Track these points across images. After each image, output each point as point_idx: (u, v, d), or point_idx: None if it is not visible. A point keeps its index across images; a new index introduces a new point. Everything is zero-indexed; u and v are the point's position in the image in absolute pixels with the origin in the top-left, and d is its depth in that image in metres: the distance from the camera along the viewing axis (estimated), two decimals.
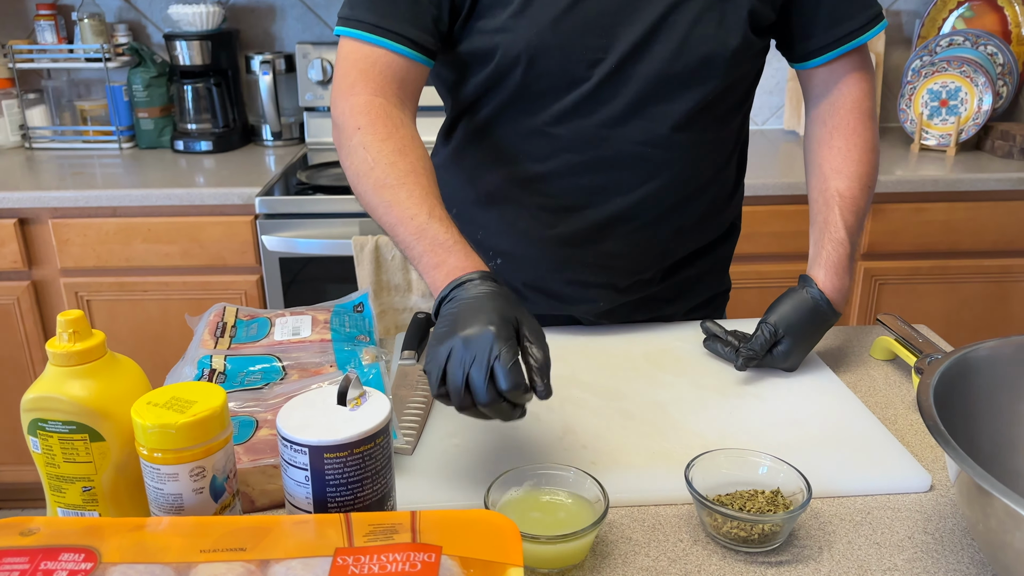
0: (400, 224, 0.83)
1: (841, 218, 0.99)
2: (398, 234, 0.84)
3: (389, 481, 0.65)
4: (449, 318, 0.72)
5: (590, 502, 0.71)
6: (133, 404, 0.62)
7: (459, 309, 0.72)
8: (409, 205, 0.83)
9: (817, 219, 1.01)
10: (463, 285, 0.75)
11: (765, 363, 0.97)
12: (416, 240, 0.81)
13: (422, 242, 0.80)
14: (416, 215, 0.82)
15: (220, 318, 1.04)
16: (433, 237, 0.80)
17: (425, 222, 0.81)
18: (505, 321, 0.70)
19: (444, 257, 0.79)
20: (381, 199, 0.86)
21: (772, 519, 0.68)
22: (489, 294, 0.73)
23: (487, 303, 0.72)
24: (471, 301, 0.73)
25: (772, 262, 2.01)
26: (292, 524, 0.58)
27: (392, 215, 0.84)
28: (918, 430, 0.88)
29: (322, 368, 0.93)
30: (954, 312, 2.10)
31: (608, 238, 1.04)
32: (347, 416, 0.63)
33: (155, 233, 1.94)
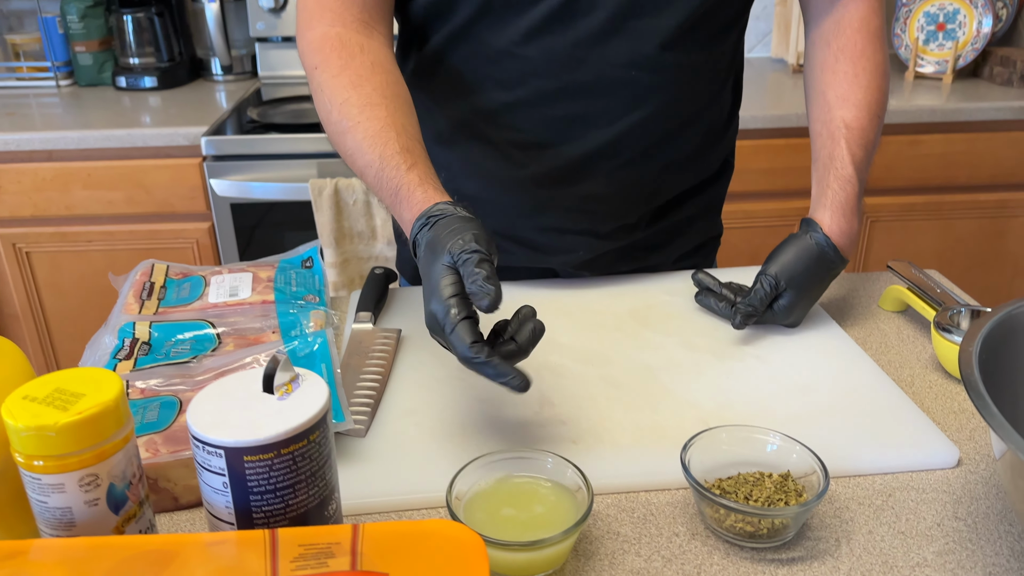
0: (364, 174, 0.76)
1: (848, 152, 0.87)
2: (369, 187, 0.78)
3: (329, 482, 0.54)
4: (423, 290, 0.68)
5: (572, 491, 0.60)
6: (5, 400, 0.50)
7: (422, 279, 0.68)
8: (365, 149, 0.75)
9: (821, 154, 0.89)
10: (416, 246, 0.70)
11: (764, 319, 0.86)
12: (380, 192, 0.75)
13: (384, 194, 0.74)
14: (371, 162, 0.74)
15: (148, 277, 0.91)
16: (388, 186, 0.73)
17: (379, 167, 0.74)
18: (439, 283, 0.64)
19: (400, 211, 0.73)
20: (344, 147, 0.78)
21: (783, 512, 0.58)
22: (425, 250, 0.67)
23: (424, 266, 0.67)
24: (421, 267, 0.68)
25: (761, 200, 1.90)
26: (204, 546, 0.47)
27: (356, 165, 0.77)
28: (939, 393, 0.78)
29: (262, 335, 0.81)
30: (948, 250, 2.01)
31: (587, 178, 0.92)
32: (274, 407, 0.52)
33: (96, 178, 1.78)
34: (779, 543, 0.59)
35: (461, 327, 0.62)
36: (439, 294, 0.63)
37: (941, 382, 0.80)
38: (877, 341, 0.87)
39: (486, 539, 0.54)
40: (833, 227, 0.86)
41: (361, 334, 0.85)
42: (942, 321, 0.81)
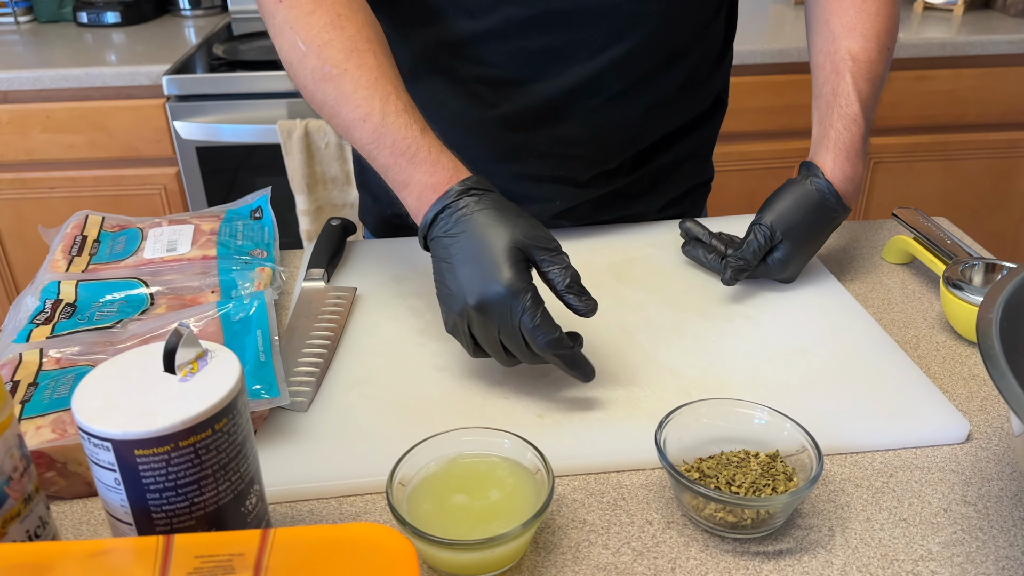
0: (353, 128, 0.67)
1: (854, 87, 0.78)
2: (355, 141, 0.68)
3: (246, 474, 0.47)
4: (447, 271, 0.62)
5: (532, 474, 0.53)
6: None
7: (453, 258, 0.62)
8: (358, 100, 0.66)
9: (824, 90, 0.80)
10: (444, 214, 0.63)
11: (757, 273, 0.78)
12: (376, 149, 0.66)
13: (382, 151, 0.66)
14: (369, 114, 0.65)
15: (80, 230, 0.83)
16: (393, 143, 0.65)
17: (379, 122, 0.65)
18: (510, 263, 0.60)
19: (410, 172, 0.65)
20: (324, 95, 0.68)
21: (768, 503, 0.51)
22: (477, 223, 0.62)
23: (479, 241, 0.61)
24: (461, 243, 0.61)
25: (759, 141, 1.80)
26: (85, 558, 0.40)
27: (342, 117, 0.67)
28: (947, 357, 0.70)
29: (200, 295, 0.74)
30: (953, 191, 1.92)
31: (564, 119, 0.83)
32: (174, 391, 0.44)
33: (56, 121, 1.68)
34: (764, 533, 0.53)
35: (546, 314, 0.60)
36: (513, 278, 0.59)
37: (950, 344, 0.72)
38: (879, 297, 0.79)
39: (431, 539, 0.47)
40: (836, 171, 0.77)
41: (311, 293, 0.77)
42: (952, 276, 0.73)
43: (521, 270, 0.60)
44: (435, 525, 0.50)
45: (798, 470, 0.54)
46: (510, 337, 0.60)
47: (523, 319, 0.59)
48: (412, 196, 0.65)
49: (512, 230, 0.61)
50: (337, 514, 0.55)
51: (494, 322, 0.60)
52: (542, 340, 0.59)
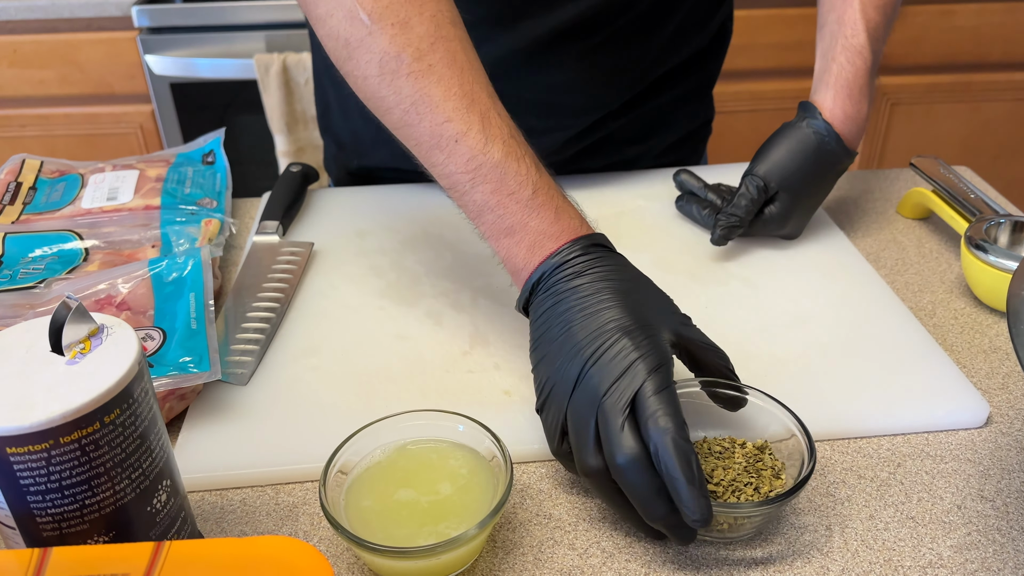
0: (438, 147, 0.50)
1: (862, 15, 0.68)
2: (436, 164, 0.51)
3: (151, 468, 0.40)
4: (559, 341, 0.47)
5: (490, 463, 0.47)
6: None
7: (563, 332, 0.47)
8: (448, 112, 0.50)
9: (828, 18, 0.71)
10: (562, 270, 0.48)
11: (755, 230, 0.71)
12: (471, 182, 0.50)
13: (481, 187, 0.50)
14: (464, 133, 0.50)
15: (15, 176, 0.76)
16: (500, 178, 0.50)
17: (480, 148, 0.50)
18: (654, 351, 0.45)
19: (522, 216, 0.50)
20: (397, 96, 0.51)
21: (746, 511, 0.44)
22: (612, 292, 0.47)
23: (612, 319, 0.46)
24: (575, 331, 0.46)
25: (769, 80, 1.69)
26: None
27: (420, 128, 0.51)
28: (966, 326, 0.63)
29: (139, 250, 0.67)
30: (974, 136, 1.82)
31: (553, 64, 0.74)
32: (59, 375, 0.38)
33: (23, 55, 1.59)
34: (744, 537, 0.46)
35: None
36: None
37: (969, 311, 0.65)
38: (893, 257, 0.72)
39: (368, 546, 0.41)
40: (836, 111, 0.69)
41: (263, 248, 0.70)
42: (975, 235, 0.65)
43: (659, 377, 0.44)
44: (376, 525, 0.44)
45: (788, 463, 0.48)
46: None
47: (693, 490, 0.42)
48: (522, 246, 0.50)
49: (644, 313, 0.47)
50: (272, 505, 0.49)
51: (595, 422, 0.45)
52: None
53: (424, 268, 0.69)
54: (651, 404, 0.43)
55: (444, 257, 0.70)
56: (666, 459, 0.42)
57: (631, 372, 0.44)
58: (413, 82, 0.50)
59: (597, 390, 0.44)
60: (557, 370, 0.46)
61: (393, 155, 0.63)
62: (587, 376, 0.45)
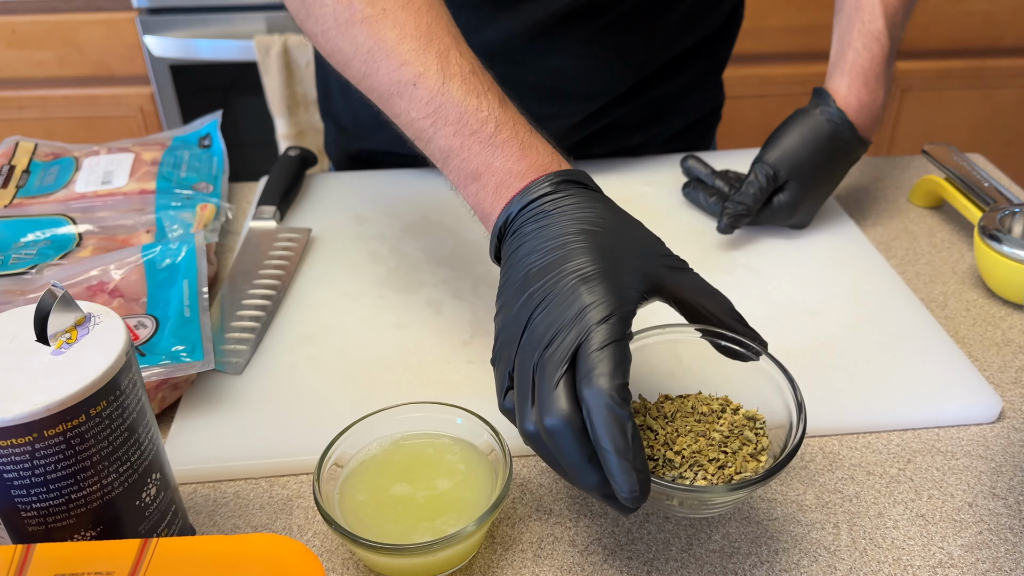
0: (398, 94, 0.48)
1: (880, 0, 0.67)
2: (399, 113, 0.49)
3: (139, 461, 0.39)
4: (516, 287, 0.43)
5: (487, 458, 0.46)
6: None
7: (521, 276, 0.43)
8: (404, 55, 0.47)
9: (846, 3, 0.69)
10: (528, 209, 0.44)
11: (763, 219, 0.69)
12: (433, 126, 0.47)
13: (443, 129, 0.47)
14: (422, 75, 0.47)
15: (8, 159, 0.74)
16: (459, 118, 0.46)
17: (438, 88, 0.46)
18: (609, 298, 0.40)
19: (486, 157, 0.46)
20: (354, 45, 0.49)
21: (685, 494, 0.41)
22: (577, 232, 0.42)
23: (570, 259, 0.41)
24: (545, 265, 0.42)
25: (781, 64, 1.67)
26: None
27: (379, 77, 0.48)
28: (979, 318, 0.62)
29: (133, 235, 0.65)
30: (984, 122, 1.79)
31: (557, 48, 0.72)
32: (44, 366, 0.36)
33: (22, 36, 1.57)
34: (702, 517, 0.44)
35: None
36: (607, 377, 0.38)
37: (982, 303, 0.63)
38: (903, 246, 0.70)
39: (362, 542, 0.40)
40: (851, 98, 0.67)
41: (260, 234, 0.68)
42: (989, 225, 0.64)
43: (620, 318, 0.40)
44: (371, 520, 0.43)
45: (775, 443, 0.44)
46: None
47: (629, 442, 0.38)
48: (488, 189, 0.46)
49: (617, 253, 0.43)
50: (266, 497, 0.48)
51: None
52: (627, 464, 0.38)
53: (425, 255, 0.67)
54: (591, 360, 0.38)
55: (445, 244, 0.68)
56: (597, 425, 0.37)
57: (577, 321, 0.39)
58: (367, 28, 0.48)
59: (540, 341, 0.39)
60: (510, 318, 0.42)
61: (394, 139, 0.62)
62: (532, 324, 0.40)
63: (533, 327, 0.40)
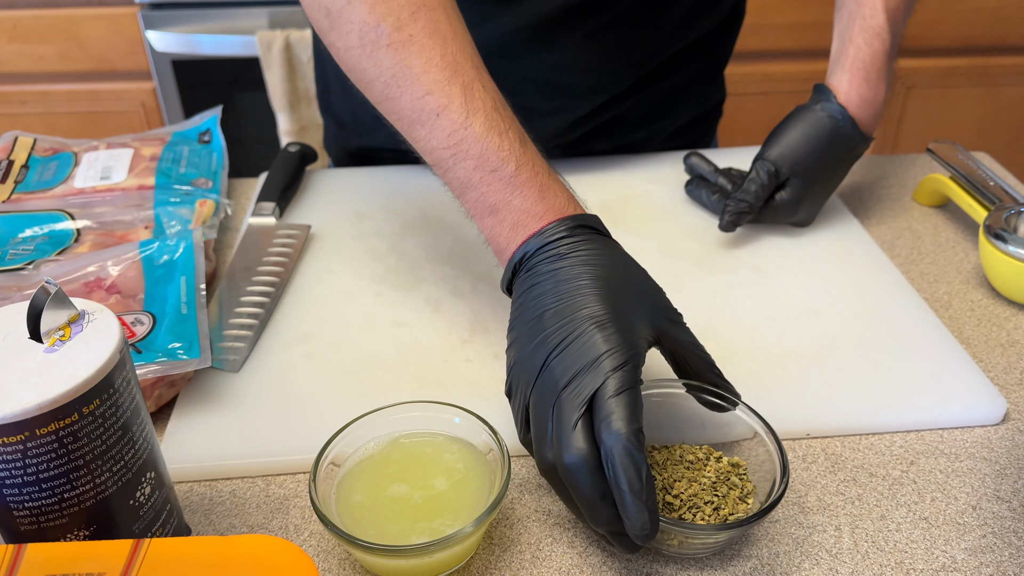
0: (420, 122, 0.49)
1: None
2: (419, 139, 0.50)
3: (134, 460, 0.39)
4: (530, 325, 0.44)
5: (485, 458, 0.45)
6: None
7: (535, 316, 0.44)
8: (429, 85, 0.48)
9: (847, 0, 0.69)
10: (544, 251, 0.46)
11: (765, 217, 0.68)
12: (454, 158, 0.48)
13: (463, 162, 0.48)
14: (446, 107, 0.48)
15: (7, 154, 0.74)
16: (481, 154, 0.47)
17: (461, 122, 0.48)
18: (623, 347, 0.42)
19: (505, 194, 0.47)
20: (378, 68, 0.50)
21: (694, 532, 0.42)
22: (591, 278, 0.44)
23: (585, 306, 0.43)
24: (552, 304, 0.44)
25: (783, 61, 1.66)
26: None
27: (401, 101, 0.49)
28: (983, 318, 0.61)
29: (132, 231, 0.65)
30: (989, 119, 1.78)
31: (560, 42, 0.72)
32: (36, 364, 0.36)
33: (23, 30, 1.57)
34: (697, 555, 0.44)
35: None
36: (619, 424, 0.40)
37: (987, 303, 0.63)
38: (908, 245, 0.70)
39: (358, 543, 0.39)
40: (852, 94, 0.66)
41: (258, 231, 0.68)
42: (995, 224, 0.63)
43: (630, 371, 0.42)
44: (367, 521, 0.42)
45: (760, 487, 0.45)
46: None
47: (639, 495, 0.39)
48: (505, 224, 0.47)
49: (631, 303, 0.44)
50: (263, 496, 0.48)
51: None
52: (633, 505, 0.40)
53: (424, 252, 0.67)
54: (609, 405, 0.40)
55: (445, 241, 0.68)
56: (615, 466, 0.39)
57: (594, 368, 0.41)
58: (393, 53, 0.48)
59: (557, 383, 0.41)
60: (524, 355, 0.44)
61: (393, 135, 0.62)
62: (549, 366, 0.42)
63: (550, 369, 0.42)
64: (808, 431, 0.51)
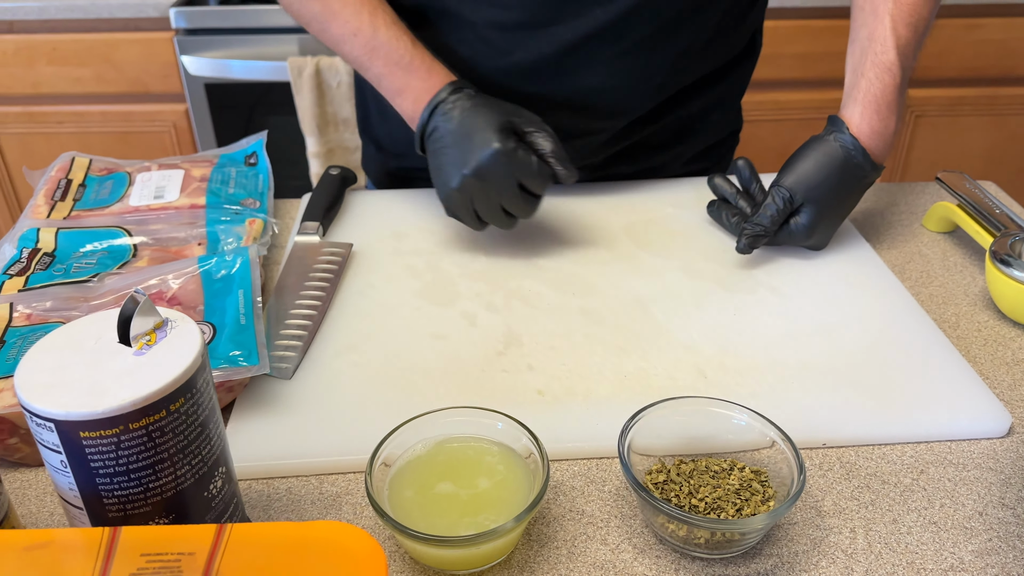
0: (343, 42, 0.73)
1: (892, 32, 0.70)
2: (345, 54, 0.74)
3: (208, 456, 0.43)
4: (442, 154, 0.69)
5: (526, 460, 0.49)
6: None
7: (447, 140, 0.69)
8: (346, 16, 0.71)
9: (860, 34, 0.73)
10: (438, 110, 0.69)
11: (781, 240, 0.72)
12: (369, 60, 0.72)
13: (375, 62, 0.72)
14: (359, 28, 0.71)
15: (65, 173, 0.78)
16: (387, 55, 0.71)
17: (370, 36, 0.71)
18: (499, 133, 0.66)
19: (405, 79, 0.71)
20: (311, 12, 0.74)
21: (719, 525, 0.45)
22: (469, 110, 0.68)
23: (472, 122, 0.67)
24: (455, 128, 0.68)
25: (796, 90, 1.71)
26: (20, 552, 0.36)
27: (331, 32, 0.73)
28: (989, 339, 0.65)
29: (186, 247, 0.69)
30: (997, 148, 1.82)
31: (583, 68, 0.76)
32: (128, 365, 0.40)
33: (62, 53, 1.63)
34: (724, 555, 0.48)
35: (540, 162, 0.68)
36: (504, 140, 0.66)
37: (993, 324, 0.66)
38: (918, 269, 0.73)
39: (412, 534, 0.43)
40: (863, 126, 0.70)
41: (304, 248, 0.72)
42: (1000, 250, 0.67)
43: (509, 136, 0.67)
44: (417, 515, 0.46)
45: (780, 492, 0.49)
46: (511, 198, 0.68)
47: (525, 174, 0.67)
48: (408, 101, 0.71)
49: (500, 110, 0.68)
50: (317, 494, 0.51)
51: (492, 184, 0.67)
52: (543, 184, 0.68)
53: (458, 270, 0.71)
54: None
55: (478, 260, 0.72)
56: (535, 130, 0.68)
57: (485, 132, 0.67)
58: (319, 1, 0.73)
59: (467, 162, 0.67)
60: (444, 174, 0.69)
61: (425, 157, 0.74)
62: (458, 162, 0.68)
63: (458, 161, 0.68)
64: (824, 441, 0.54)
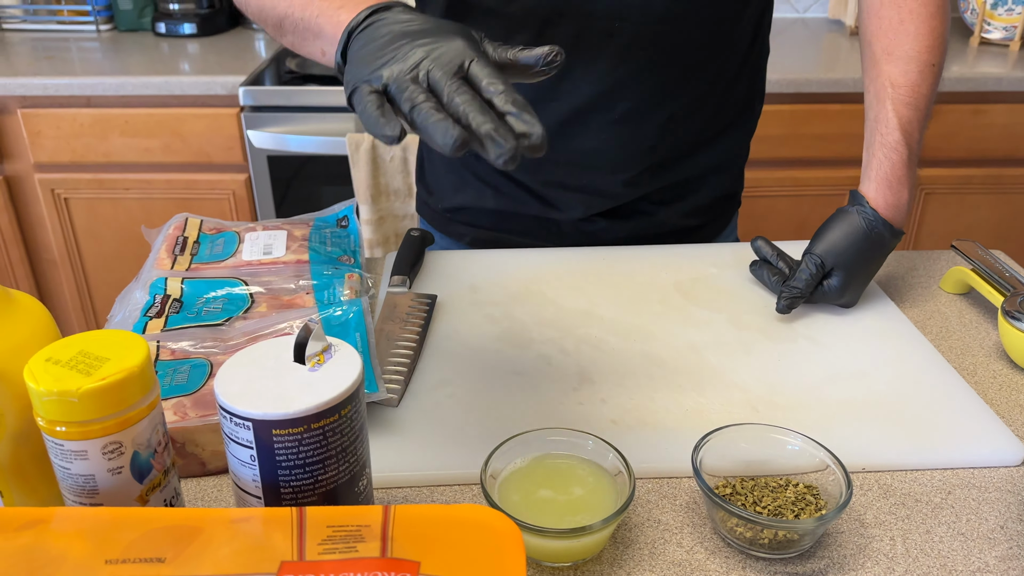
0: (284, 26, 0.68)
1: (895, 114, 0.80)
2: (285, 25, 0.68)
3: (360, 457, 0.52)
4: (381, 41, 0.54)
5: (611, 475, 0.58)
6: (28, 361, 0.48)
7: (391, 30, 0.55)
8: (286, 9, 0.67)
9: (868, 118, 0.84)
10: (385, 11, 0.57)
11: (816, 299, 0.82)
12: (304, 8, 0.64)
13: (312, 5, 0.63)
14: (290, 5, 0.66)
15: (181, 231, 0.89)
16: (312, 26, 0.63)
17: (303, 7, 0.65)
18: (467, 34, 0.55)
19: (323, 34, 0.62)
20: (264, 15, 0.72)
21: (782, 525, 0.54)
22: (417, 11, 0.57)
23: (428, 23, 0.55)
24: (405, 19, 0.55)
25: (814, 168, 1.83)
26: (229, 523, 0.45)
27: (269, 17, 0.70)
28: (1004, 384, 0.73)
29: (297, 297, 0.79)
30: (1004, 224, 1.93)
31: (580, 134, 0.89)
32: (305, 379, 0.49)
33: (133, 126, 1.77)
34: (784, 556, 0.56)
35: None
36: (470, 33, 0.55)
37: (1006, 372, 0.75)
38: (937, 325, 0.82)
39: (523, 525, 0.52)
40: (879, 200, 0.80)
41: (395, 299, 0.82)
42: (1011, 307, 0.76)
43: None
44: (523, 515, 0.54)
45: (829, 507, 0.57)
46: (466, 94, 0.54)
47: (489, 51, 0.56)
48: (345, 12, 0.59)
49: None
50: (429, 501, 0.60)
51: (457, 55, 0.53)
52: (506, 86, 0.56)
53: (531, 318, 0.80)
54: None
55: (547, 309, 0.82)
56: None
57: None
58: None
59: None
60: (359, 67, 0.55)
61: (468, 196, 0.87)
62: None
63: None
64: (864, 466, 0.63)
